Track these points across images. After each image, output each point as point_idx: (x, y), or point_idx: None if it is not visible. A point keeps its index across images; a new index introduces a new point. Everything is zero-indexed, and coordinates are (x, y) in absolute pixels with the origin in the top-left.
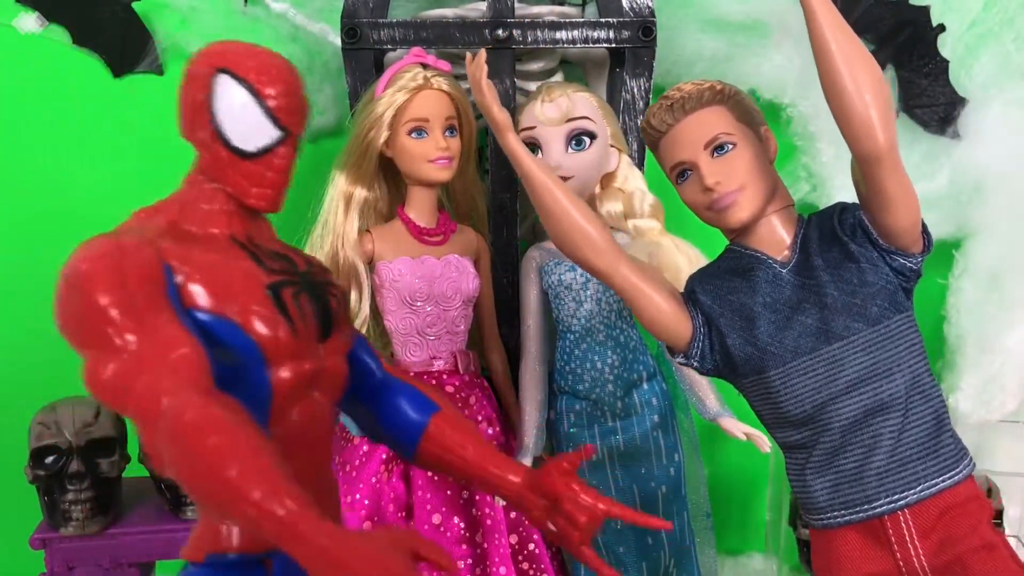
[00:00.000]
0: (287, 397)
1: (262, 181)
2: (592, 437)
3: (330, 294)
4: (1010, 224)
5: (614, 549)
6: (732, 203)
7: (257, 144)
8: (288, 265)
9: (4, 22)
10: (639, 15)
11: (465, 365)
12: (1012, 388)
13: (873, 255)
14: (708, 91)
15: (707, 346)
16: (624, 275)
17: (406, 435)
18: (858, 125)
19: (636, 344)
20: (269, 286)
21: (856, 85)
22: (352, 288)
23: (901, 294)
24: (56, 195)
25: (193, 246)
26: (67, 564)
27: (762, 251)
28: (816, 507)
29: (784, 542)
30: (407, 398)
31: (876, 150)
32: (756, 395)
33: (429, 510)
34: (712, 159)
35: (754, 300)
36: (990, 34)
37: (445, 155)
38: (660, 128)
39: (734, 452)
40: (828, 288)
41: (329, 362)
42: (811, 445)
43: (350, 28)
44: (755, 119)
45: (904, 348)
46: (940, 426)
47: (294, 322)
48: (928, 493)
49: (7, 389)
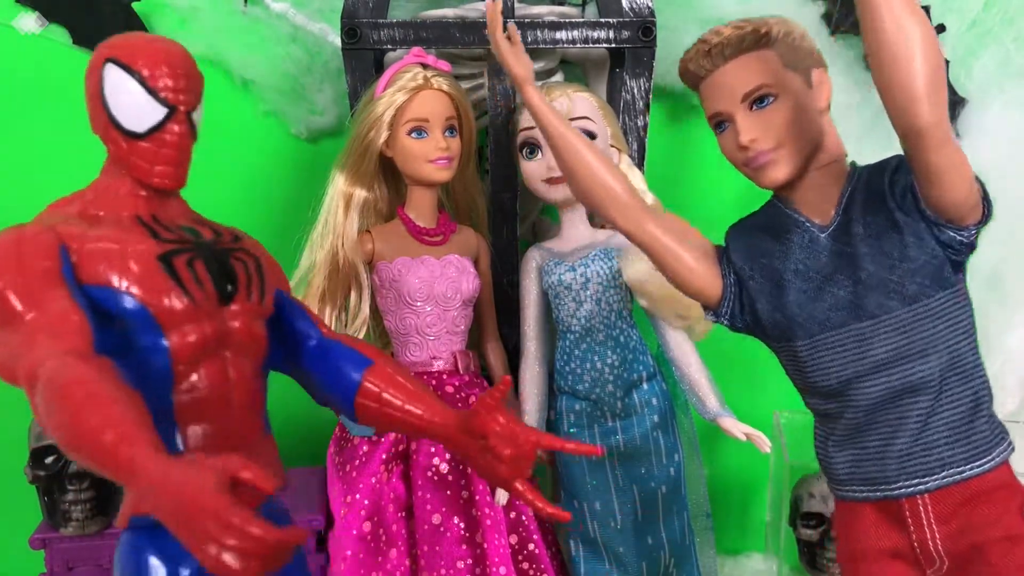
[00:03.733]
0: (189, 360)
1: (157, 158)
2: (592, 437)
3: (234, 258)
4: (1010, 224)
5: (614, 548)
6: (768, 162)
7: (146, 124)
8: (188, 236)
9: (4, 22)
10: (639, 15)
11: (465, 365)
12: (1012, 388)
13: (920, 226)
14: (751, 35)
15: (737, 306)
16: (650, 232)
17: (343, 394)
18: (902, 94)
19: (636, 344)
20: (160, 256)
21: (905, 45)
22: (352, 288)
23: (948, 268)
24: (56, 195)
25: (95, 228)
26: (67, 564)
27: (802, 212)
28: (836, 479)
29: (784, 542)
30: (342, 357)
31: (919, 125)
32: (785, 360)
33: (429, 510)
34: (750, 113)
35: (785, 266)
36: (990, 34)
37: (445, 155)
38: (698, 73)
39: (734, 452)
40: (865, 261)
41: (236, 323)
42: (836, 417)
43: (350, 28)
44: (807, 62)
45: (945, 327)
46: (977, 409)
47: (187, 287)
48: (952, 480)
49: (7, 389)
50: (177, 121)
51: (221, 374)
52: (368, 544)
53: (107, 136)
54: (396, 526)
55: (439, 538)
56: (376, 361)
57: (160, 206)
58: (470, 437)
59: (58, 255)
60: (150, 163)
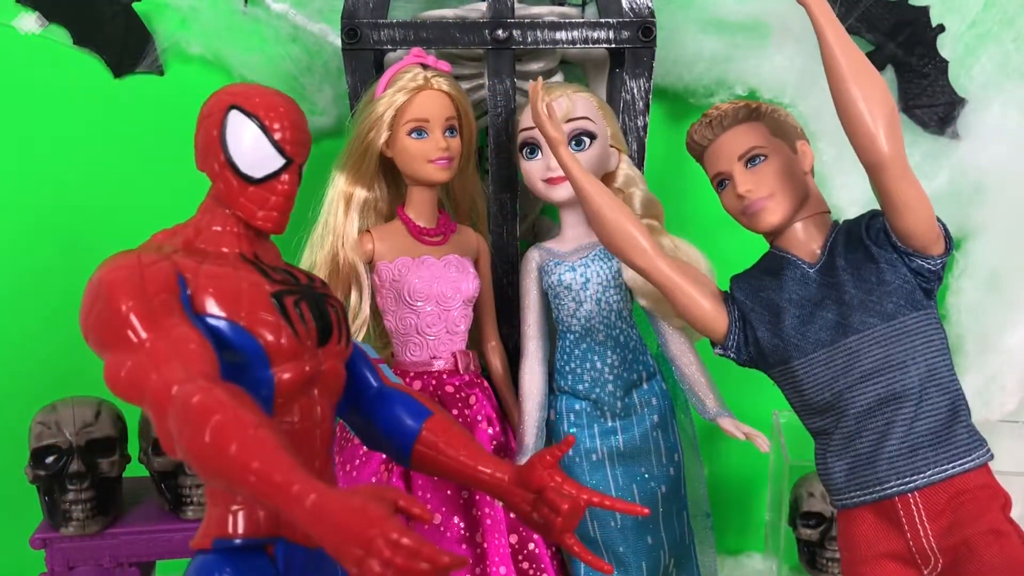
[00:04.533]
0: (288, 394)
1: (267, 204)
2: (592, 437)
3: (328, 304)
4: (1010, 224)
5: (614, 548)
6: (762, 208)
7: (263, 171)
8: (290, 278)
9: (4, 22)
10: (639, 15)
11: (465, 365)
12: (1012, 388)
13: (892, 256)
14: (744, 109)
15: (742, 339)
16: (663, 272)
17: (401, 440)
18: (863, 135)
19: (636, 344)
20: (273, 294)
21: (862, 98)
22: (352, 288)
23: (919, 293)
24: (56, 195)
25: (205, 261)
26: (67, 564)
27: (793, 253)
28: (836, 488)
29: (784, 542)
30: (402, 406)
31: (880, 159)
32: (784, 384)
33: (429, 510)
34: (745, 170)
35: (781, 296)
36: (990, 34)
37: (445, 155)
38: (701, 143)
39: (734, 452)
40: (848, 286)
41: (327, 365)
42: (831, 430)
43: (350, 28)
44: (791, 134)
45: (921, 342)
46: (955, 417)
47: (295, 326)
48: (937, 478)
49: (7, 389)
50: (291, 172)
51: (311, 410)
52: None
53: (219, 176)
54: None
55: (439, 538)
56: (435, 412)
57: (260, 246)
58: (524, 490)
59: (177, 284)
60: (258, 206)
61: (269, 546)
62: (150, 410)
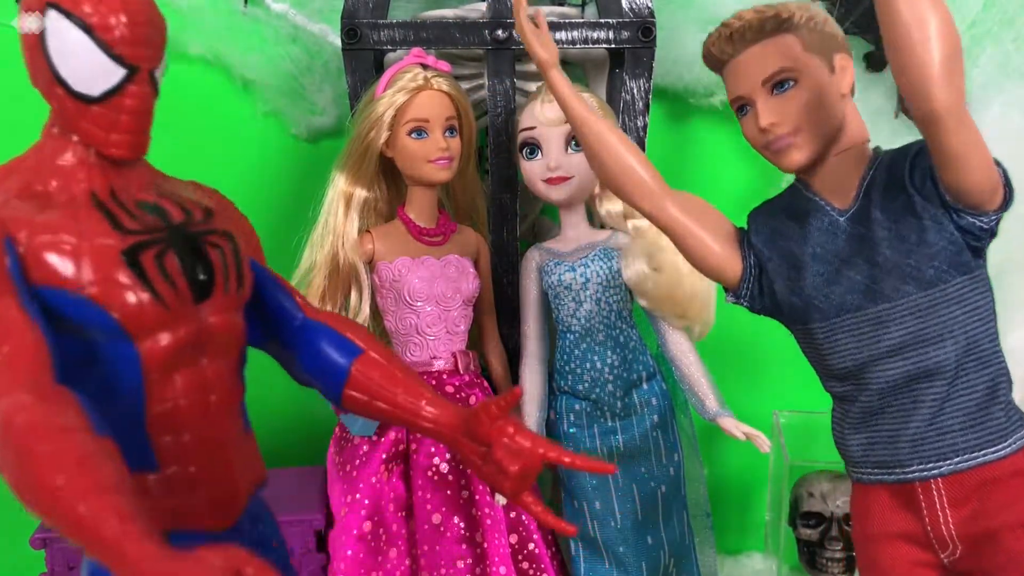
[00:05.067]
0: (163, 368)
1: (116, 126)
2: (592, 437)
3: (209, 244)
4: (1010, 224)
5: (614, 548)
6: (787, 146)
7: (101, 87)
8: (155, 220)
9: (4, 22)
10: (639, 15)
11: (465, 365)
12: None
13: (939, 212)
14: (772, 20)
15: (756, 288)
16: (671, 215)
17: (330, 382)
18: (914, 77)
19: (636, 344)
20: (124, 251)
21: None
22: (352, 288)
23: (968, 254)
24: None
25: (44, 211)
26: (68, 564)
27: (822, 196)
28: (851, 460)
29: (784, 542)
30: (328, 341)
31: (932, 110)
32: (803, 342)
33: (429, 510)
34: (770, 97)
35: (803, 249)
36: (989, 35)
37: (445, 155)
38: (721, 58)
39: (734, 452)
40: (882, 246)
41: (213, 320)
42: (852, 399)
43: (350, 28)
44: (829, 46)
45: (963, 312)
46: (993, 395)
47: (156, 288)
48: (965, 466)
49: None
50: (138, 82)
51: (198, 379)
52: (368, 544)
53: (50, 94)
54: (396, 526)
55: (439, 538)
56: (366, 350)
57: (118, 176)
58: (472, 442)
59: (3, 250)
60: (106, 130)
61: None
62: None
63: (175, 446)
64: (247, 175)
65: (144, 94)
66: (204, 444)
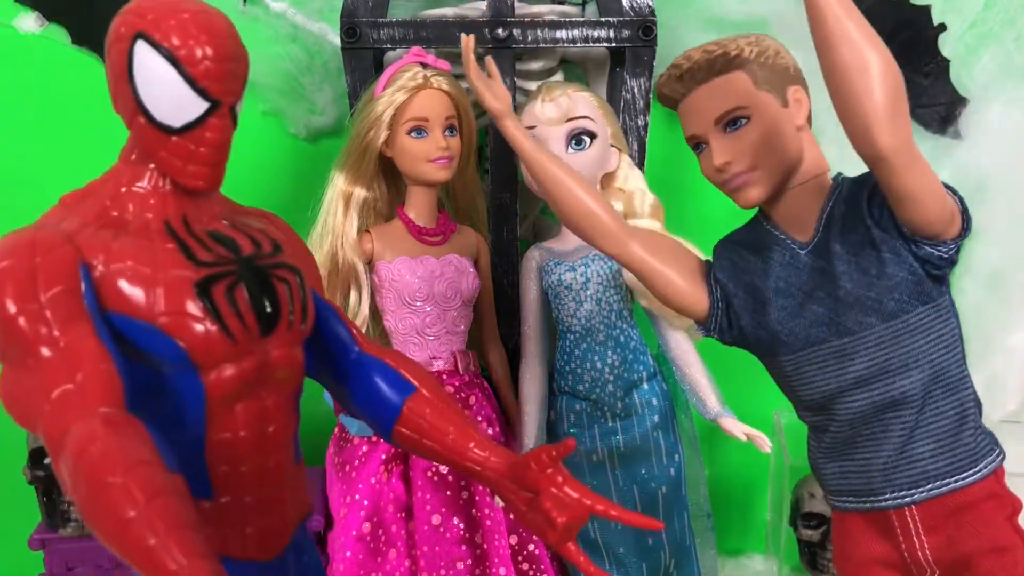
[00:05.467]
0: (224, 400)
1: (194, 158)
2: (592, 438)
3: (277, 279)
4: (1011, 224)
5: (614, 549)
6: (744, 184)
7: (183, 119)
8: (226, 252)
9: (4, 22)
10: (639, 14)
11: (465, 365)
12: (1012, 388)
13: (897, 243)
14: (720, 58)
15: (725, 321)
16: (636, 255)
17: (381, 418)
18: (857, 120)
19: (636, 344)
20: (197, 283)
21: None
22: (352, 288)
23: (929, 283)
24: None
25: (119, 237)
26: (66, 565)
27: (783, 228)
28: (827, 488)
29: (784, 542)
30: (382, 377)
31: (877, 152)
32: (774, 374)
33: (429, 510)
34: (724, 135)
35: (767, 284)
36: (991, 34)
37: (445, 155)
38: (674, 97)
39: (734, 452)
40: (843, 280)
41: (276, 354)
42: (823, 430)
43: (350, 27)
44: (782, 79)
45: (927, 341)
46: (962, 421)
47: (226, 323)
48: (938, 492)
49: None
50: (219, 116)
51: (258, 410)
52: (368, 544)
53: (132, 122)
54: (396, 526)
55: (439, 538)
56: (419, 388)
57: (192, 206)
58: (518, 487)
59: (78, 278)
60: (184, 161)
61: None
62: (44, 442)
63: (232, 476)
64: (246, 175)
65: (224, 128)
66: (259, 475)
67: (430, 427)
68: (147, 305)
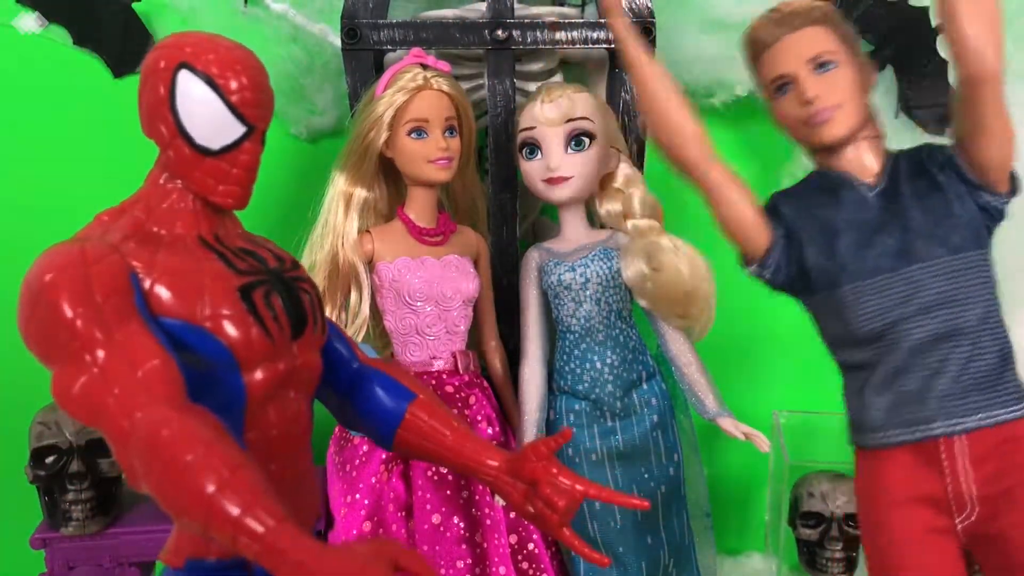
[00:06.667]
0: (262, 399)
1: (227, 178)
2: (591, 437)
3: (301, 290)
4: (1011, 223)
5: (614, 549)
6: (830, 118)
7: (221, 141)
8: (257, 263)
9: (4, 22)
10: (639, 16)
11: (465, 365)
12: None
13: (961, 189)
14: (817, 9)
15: (784, 259)
16: (715, 178)
17: (383, 425)
18: (972, 40)
19: (636, 344)
20: (239, 288)
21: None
22: (352, 288)
23: (984, 231)
24: (56, 195)
25: (159, 249)
26: (67, 564)
27: (850, 172)
28: (871, 425)
29: (784, 542)
30: (382, 387)
31: (986, 71)
32: (826, 311)
33: (429, 510)
34: (814, 74)
35: (837, 216)
36: None
37: (445, 155)
38: (767, 40)
39: (733, 452)
40: (913, 212)
41: (302, 359)
42: (874, 363)
43: (350, 28)
44: (856, 46)
45: (981, 281)
46: (1005, 362)
47: (266, 324)
48: (988, 423)
49: (7, 389)
50: (253, 140)
51: (288, 411)
52: None
53: (169, 145)
54: (396, 526)
55: (439, 538)
56: (420, 394)
57: (220, 223)
58: (517, 481)
59: (129, 282)
60: (217, 181)
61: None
62: (107, 437)
63: None
64: None
65: (256, 151)
66: (286, 474)
67: (431, 430)
68: (195, 309)
